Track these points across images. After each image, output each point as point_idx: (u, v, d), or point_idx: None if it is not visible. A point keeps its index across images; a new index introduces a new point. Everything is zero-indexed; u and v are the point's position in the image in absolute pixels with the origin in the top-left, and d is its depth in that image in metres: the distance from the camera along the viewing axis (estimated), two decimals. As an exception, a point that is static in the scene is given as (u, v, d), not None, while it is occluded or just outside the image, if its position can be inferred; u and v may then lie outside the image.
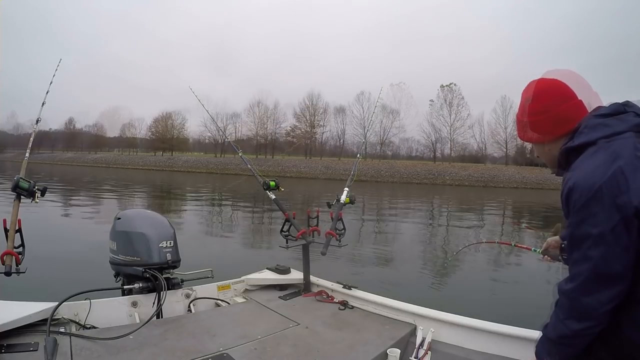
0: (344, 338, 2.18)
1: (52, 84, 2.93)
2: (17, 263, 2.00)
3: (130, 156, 74.82)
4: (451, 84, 59.80)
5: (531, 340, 1.87)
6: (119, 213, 2.78)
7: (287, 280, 3.04)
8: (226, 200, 19.88)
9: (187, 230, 10.03)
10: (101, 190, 22.51)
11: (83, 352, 1.80)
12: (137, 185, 27.56)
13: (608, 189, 1.03)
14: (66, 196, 18.85)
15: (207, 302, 2.80)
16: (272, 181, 3.09)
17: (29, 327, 1.95)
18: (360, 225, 12.67)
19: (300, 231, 2.90)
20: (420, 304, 2.46)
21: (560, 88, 1.25)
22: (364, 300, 2.66)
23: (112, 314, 2.33)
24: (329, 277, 3.02)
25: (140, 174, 44.07)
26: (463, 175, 45.33)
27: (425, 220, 14.74)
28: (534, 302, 5.56)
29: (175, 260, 2.63)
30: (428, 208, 19.22)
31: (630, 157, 1.05)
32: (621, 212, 1.02)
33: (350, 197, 3.02)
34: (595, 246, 1.05)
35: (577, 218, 1.09)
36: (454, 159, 58.03)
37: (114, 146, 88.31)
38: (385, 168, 49.99)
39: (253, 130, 68.56)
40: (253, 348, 1.99)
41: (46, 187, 2.33)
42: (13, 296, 2.15)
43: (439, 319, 2.26)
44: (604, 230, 1.03)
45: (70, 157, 79.99)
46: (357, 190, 3.02)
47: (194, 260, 3.14)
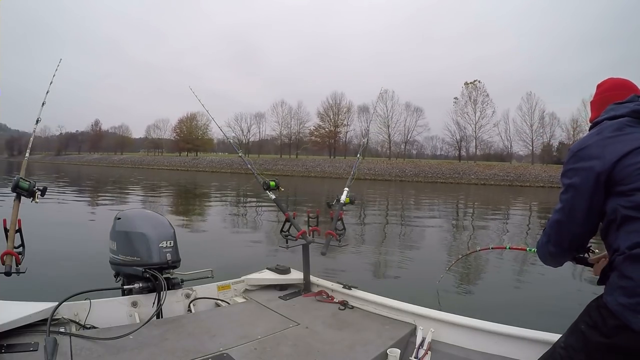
0: (344, 338, 2.18)
1: (52, 84, 2.92)
2: (17, 263, 2.01)
3: (155, 157, 76.21)
4: (475, 81, 58.92)
5: (531, 340, 1.88)
6: (119, 213, 2.79)
7: (287, 280, 3.03)
8: (237, 199, 20.00)
9: (191, 229, 10.10)
10: (122, 190, 22.99)
11: (83, 352, 1.80)
12: (160, 185, 28.11)
13: (580, 153, 1.35)
14: (93, 195, 19.63)
15: (207, 302, 2.80)
16: (272, 181, 3.09)
17: (29, 327, 1.96)
18: (375, 225, 12.64)
19: (300, 231, 2.90)
20: (420, 304, 2.45)
21: (621, 82, 1.54)
22: (364, 300, 2.65)
23: (112, 314, 2.34)
24: (329, 277, 3.03)
25: (165, 174, 44.74)
26: (488, 174, 44.39)
27: (445, 221, 14.44)
28: (533, 302, 5.53)
29: (175, 260, 2.63)
30: (449, 208, 18.83)
31: (607, 134, 1.33)
32: (585, 173, 1.31)
33: (350, 197, 3.03)
34: (565, 193, 1.38)
35: (562, 169, 1.41)
36: (479, 158, 57.35)
37: (139, 147, 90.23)
38: (409, 167, 49.71)
39: (277, 130, 69.02)
40: (253, 348, 1.99)
41: (46, 187, 2.34)
42: (13, 296, 2.16)
43: (439, 319, 2.26)
44: (571, 183, 1.35)
45: (97, 158, 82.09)
46: (380, 190, 3.02)
47: (194, 259, 3.16)
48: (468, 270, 7.13)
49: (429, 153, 67.92)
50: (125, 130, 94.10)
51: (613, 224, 1.28)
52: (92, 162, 76.30)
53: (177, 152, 76.28)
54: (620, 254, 1.23)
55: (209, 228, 11.28)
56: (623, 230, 1.24)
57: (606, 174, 1.27)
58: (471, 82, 58.99)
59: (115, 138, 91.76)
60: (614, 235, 1.28)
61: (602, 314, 1.24)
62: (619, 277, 1.21)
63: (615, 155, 1.26)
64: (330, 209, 2.97)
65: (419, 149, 68.08)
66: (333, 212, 2.92)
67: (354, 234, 10.34)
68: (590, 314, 1.31)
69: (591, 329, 1.27)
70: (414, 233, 11.35)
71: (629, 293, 1.16)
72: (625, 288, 1.18)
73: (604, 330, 1.22)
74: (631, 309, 1.14)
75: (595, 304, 1.31)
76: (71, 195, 19.15)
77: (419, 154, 66.92)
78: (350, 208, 15.12)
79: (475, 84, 58.55)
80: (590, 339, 1.26)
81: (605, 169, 1.26)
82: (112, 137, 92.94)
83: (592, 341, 1.25)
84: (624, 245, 1.21)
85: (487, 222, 14.47)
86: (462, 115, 59.01)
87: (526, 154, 58.15)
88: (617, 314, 1.18)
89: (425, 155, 66.83)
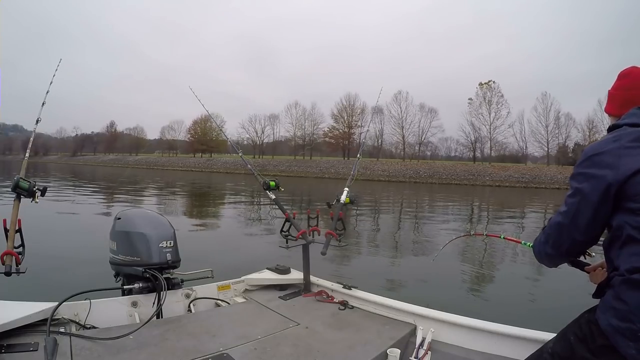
0: (344, 338, 2.18)
1: (52, 84, 2.91)
2: (17, 263, 2.01)
3: (170, 158, 77.03)
4: (490, 81, 58.26)
5: (531, 340, 1.88)
6: (119, 213, 2.79)
7: (287, 280, 3.03)
8: (246, 199, 20.11)
9: (199, 230, 10.09)
10: (139, 191, 23.35)
11: (83, 352, 1.80)
12: (174, 185, 28.61)
13: (594, 158, 1.28)
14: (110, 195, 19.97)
15: (207, 302, 2.81)
16: (272, 181, 3.09)
17: (29, 327, 1.96)
18: (385, 227, 12.61)
19: (300, 231, 2.89)
20: (420, 304, 2.45)
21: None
22: (364, 300, 2.65)
23: (112, 314, 2.34)
24: (329, 277, 3.02)
25: (179, 175, 45.20)
26: (503, 176, 44.19)
27: (459, 223, 14.24)
28: (534, 302, 5.47)
29: (175, 260, 2.64)
30: (463, 213, 18.57)
31: (625, 143, 1.24)
32: (596, 181, 1.24)
33: (350, 197, 3.02)
34: (572, 196, 1.32)
35: (573, 171, 1.35)
36: (493, 159, 56.83)
37: (154, 148, 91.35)
38: (424, 169, 49.56)
39: (291, 132, 69.26)
40: (253, 348, 1.99)
41: (46, 187, 2.33)
42: (13, 296, 2.16)
43: (439, 319, 2.25)
44: (580, 187, 1.29)
45: (112, 158, 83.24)
46: (395, 191, 3.02)
47: (194, 260, 3.17)
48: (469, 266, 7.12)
49: (443, 154, 67.26)
50: (140, 131, 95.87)
51: (617, 240, 1.24)
52: (107, 163, 77.47)
53: (192, 154, 76.80)
54: (619, 275, 1.19)
55: (214, 228, 11.36)
56: (626, 250, 1.20)
57: (617, 186, 1.20)
58: (486, 82, 58.41)
59: (130, 139, 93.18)
60: (616, 251, 1.25)
61: (592, 330, 1.23)
62: (614, 297, 1.19)
63: (629, 169, 1.19)
64: (330, 209, 2.96)
65: (434, 150, 67.43)
66: (333, 212, 2.92)
67: (366, 235, 10.37)
68: (581, 326, 1.30)
69: (579, 342, 1.27)
70: (423, 235, 11.25)
71: (622, 317, 1.15)
72: (619, 311, 1.16)
73: (591, 346, 1.22)
74: (621, 333, 1.14)
75: (587, 318, 1.29)
76: (84, 195, 19.55)
77: (433, 155, 66.26)
78: (364, 211, 15.24)
79: (489, 85, 57.93)
80: (577, 352, 1.26)
81: (617, 180, 1.20)
82: (127, 138, 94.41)
83: (578, 354, 1.25)
84: (624, 266, 1.18)
85: (502, 224, 14.32)
86: (476, 116, 58.61)
87: (541, 155, 57.68)
88: (607, 335, 1.17)
89: (439, 156, 66.10)
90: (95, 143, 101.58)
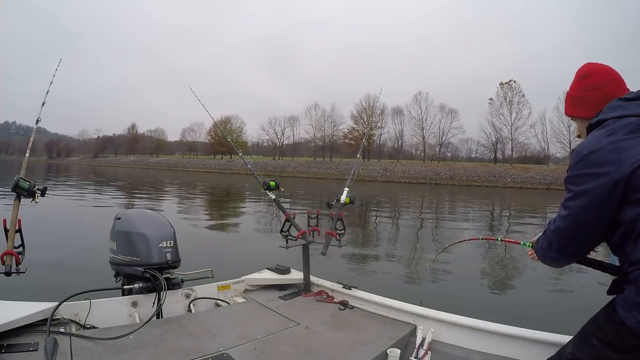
0: (344, 338, 2.17)
1: (52, 84, 2.92)
2: (17, 263, 2.01)
3: (190, 159, 78.15)
4: (510, 81, 57.04)
5: (531, 340, 1.88)
6: (119, 213, 2.80)
7: (287, 280, 3.03)
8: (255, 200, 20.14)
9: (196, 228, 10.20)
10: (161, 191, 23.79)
11: (83, 352, 1.81)
12: (195, 185, 29.22)
13: (591, 157, 1.23)
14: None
15: (207, 302, 2.81)
16: (272, 181, 3.09)
17: (29, 327, 1.96)
18: (405, 227, 12.41)
19: (300, 231, 2.89)
20: (420, 303, 2.44)
21: (613, 72, 1.43)
22: (364, 300, 2.65)
23: (112, 314, 2.34)
24: (329, 277, 3.00)
25: (200, 176, 46.09)
26: (525, 177, 43.45)
27: (478, 230, 13.86)
28: (533, 301, 5.37)
29: (175, 260, 2.64)
30: (484, 217, 18.22)
31: (620, 137, 1.21)
32: (599, 180, 1.20)
33: (350, 197, 3.03)
34: (574, 199, 1.27)
35: (568, 174, 1.31)
36: (515, 160, 55.80)
37: (175, 150, 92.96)
38: (444, 170, 49.24)
39: (311, 133, 69.42)
40: (253, 348, 1.99)
41: (46, 187, 2.33)
42: (13, 296, 2.16)
43: (439, 319, 2.25)
44: (582, 190, 1.24)
45: (133, 160, 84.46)
46: (415, 193, 3.01)
47: (195, 259, 3.17)
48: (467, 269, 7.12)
49: (463, 155, 66.57)
50: (161, 133, 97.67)
51: (631, 234, 1.19)
52: (128, 164, 78.65)
53: (212, 155, 77.58)
54: (639, 268, 1.15)
55: (210, 228, 11.40)
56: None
57: (625, 181, 1.16)
58: (506, 82, 57.17)
59: (151, 141, 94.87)
60: (632, 245, 1.19)
61: (619, 330, 1.18)
62: (637, 292, 1.14)
63: (634, 161, 1.15)
64: (330, 209, 2.96)
65: (454, 151, 66.67)
66: (333, 212, 2.91)
67: (385, 236, 10.33)
68: (602, 327, 1.25)
69: (605, 345, 1.22)
70: (440, 238, 10.99)
71: None
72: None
73: (620, 347, 1.17)
74: None
75: (608, 318, 1.24)
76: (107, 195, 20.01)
77: (453, 156, 65.56)
78: (385, 213, 15.10)
79: (510, 84, 56.73)
80: (604, 355, 1.21)
81: (624, 175, 1.16)
82: (147, 139, 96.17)
83: (606, 358, 1.21)
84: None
85: (524, 226, 14.07)
86: (497, 116, 57.46)
87: (564, 156, 55.87)
88: (638, 333, 1.12)
89: (460, 157, 65.36)
90: (117, 145, 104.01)
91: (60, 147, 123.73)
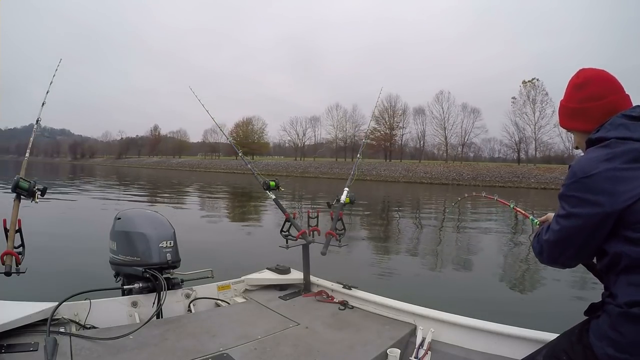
0: (344, 338, 2.17)
1: (52, 84, 2.92)
2: (17, 263, 2.00)
3: (212, 160, 78.58)
4: (534, 79, 55.32)
5: (531, 340, 1.88)
6: (119, 213, 2.80)
7: (287, 280, 3.03)
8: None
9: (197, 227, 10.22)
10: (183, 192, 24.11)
11: (83, 352, 1.81)
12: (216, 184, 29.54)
13: (586, 182, 1.16)
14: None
15: (207, 302, 2.81)
16: (272, 181, 3.09)
17: (29, 327, 1.96)
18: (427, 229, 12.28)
19: (300, 231, 2.88)
20: (420, 304, 2.43)
21: (612, 78, 1.31)
22: (364, 300, 2.64)
23: (112, 314, 2.35)
24: (329, 277, 3.00)
25: (221, 177, 46.51)
26: (549, 178, 41.71)
27: (500, 236, 13.31)
28: (534, 301, 5.26)
29: (175, 260, 2.64)
30: (506, 215, 17.82)
31: (619, 164, 1.13)
32: (591, 209, 1.15)
33: (350, 197, 3.02)
34: (565, 219, 1.23)
35: (562, 191, 1.26)
36: (538, 160, 54.48)
37: (197, 151, 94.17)
38: (467, 171, 48.60)
39: (332, 134, 69.31)
40: (253, 348, 1.99)
41: (46, 187, 2.32)
42: (13, 296, 2.17)
43: (439, 319, 2.25)
44: (573, 212, 1.20)
45: (156, 161, 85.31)
46: (438, 193, 2.98)
47: (195, 259, 3.19)
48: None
49: (486, 155, 65.34)
50: (183, 134, 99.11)
51: (614, 267, 1.18)
52: (150, 165, 79.52)
53: (234, 156, 78.39)
54: (616, 305, 1.14)
55: (210, 228, 11.45)
56: (624, 279, 1.14)
57: (617, 215, 1.12)
58: (529, 80, 55.37)
59: (173, 142, 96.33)
60: (612, 278, 1.19)
61: (587, 356, 1.20)
62: (610, 327, 1.14)
63: (629, 197, 1.09)
64: (330, 209, 2.95)
65: (477, 151, 65.69)
66: (333, 212, 2.90)
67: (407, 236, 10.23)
68: (573, 347, 1.26)
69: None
70: (463, 244, 10.64)
71: (619, 349, 1.10)
72: (616, 342, 1.11)
73: None
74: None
75: (580, 339, 1.26)
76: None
77: (476, 156, 64.51)
78: (407, 214, 14.91)
79: (533, 82, 54.98)
80: None
81: (616, 210, 1.11)
82: (170, 141, 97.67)
83: None
84: (623, 298, 1.13)
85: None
86: (520, 115, 55.86)
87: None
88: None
89: (482, 158, 64.19)
90: (140, 146, 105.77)
91: (85, 148, 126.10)
